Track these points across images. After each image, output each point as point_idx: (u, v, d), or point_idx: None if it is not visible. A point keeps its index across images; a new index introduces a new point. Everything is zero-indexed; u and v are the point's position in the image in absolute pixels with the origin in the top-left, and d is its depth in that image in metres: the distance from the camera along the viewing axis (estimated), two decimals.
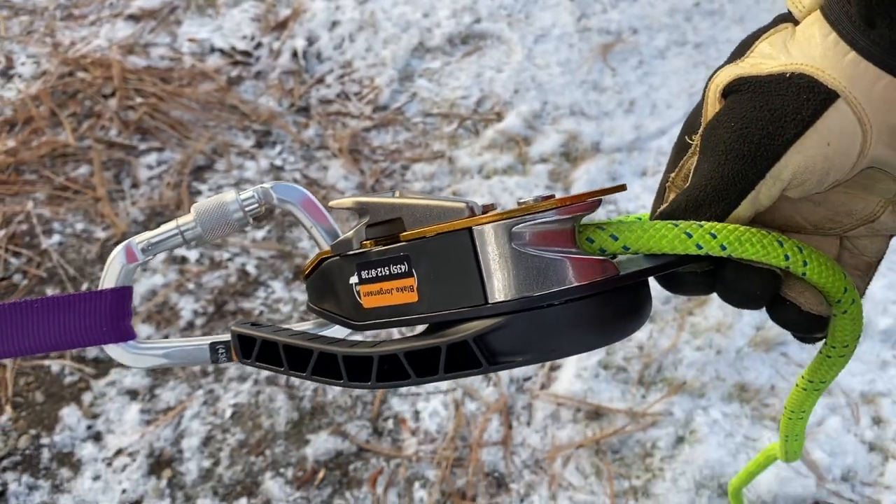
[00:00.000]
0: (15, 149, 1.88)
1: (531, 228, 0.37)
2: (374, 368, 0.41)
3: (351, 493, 1.45)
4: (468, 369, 0.39)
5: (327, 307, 0.49)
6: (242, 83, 2.11)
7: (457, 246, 0.38)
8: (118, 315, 0.51)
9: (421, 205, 0.41)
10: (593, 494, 1.47)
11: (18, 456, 1.48)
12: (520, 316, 0.37)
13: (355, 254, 0.44)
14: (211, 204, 0.50)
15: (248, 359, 0.48)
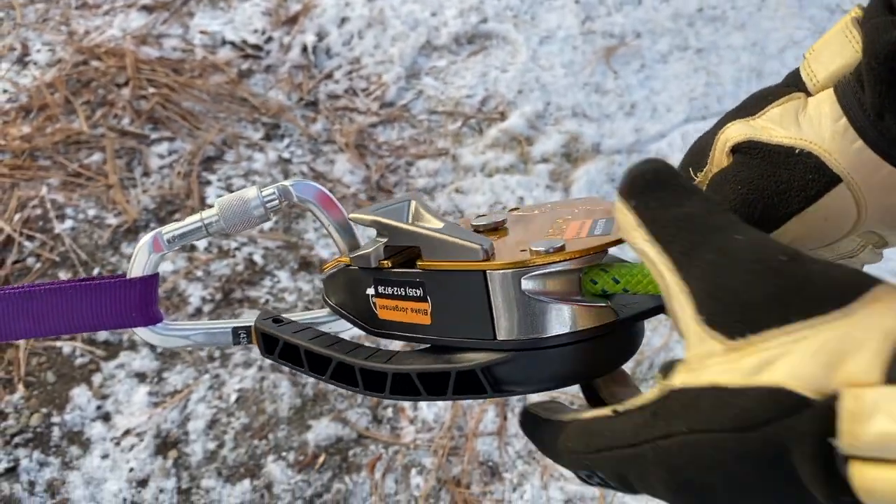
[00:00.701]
0: (30, 135, 1.92)
1: (541, 276, 0.40)
2: (389, 383, 0.44)
3: (350, 478, 1.51)
4: (474, 394, 0.42)
5: (343, 307, 0.52)
6: (252, 76, 2.15)
7: (471, 285, 0.41)
8: (146, 301, 0.55)
9: (438, 239, 0.43)
10: (584, 485, 1.52)
11: (30, 433, 1.53)
12: (524, 353, 0.41)
13: (373, 269, 0.47)
14: (233, 199, 0.52)
15: (271, 355, 0.51)
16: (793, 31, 2.44)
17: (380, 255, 0.46)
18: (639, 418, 0.34)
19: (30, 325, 0.53)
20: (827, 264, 0.31)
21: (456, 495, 1.50)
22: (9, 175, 1.85)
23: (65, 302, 0.53)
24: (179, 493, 1.48)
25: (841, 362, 0.28)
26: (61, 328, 0.54)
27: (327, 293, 0.54)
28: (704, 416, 0.31)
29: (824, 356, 0.29)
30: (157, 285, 0.54)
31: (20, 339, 0.55)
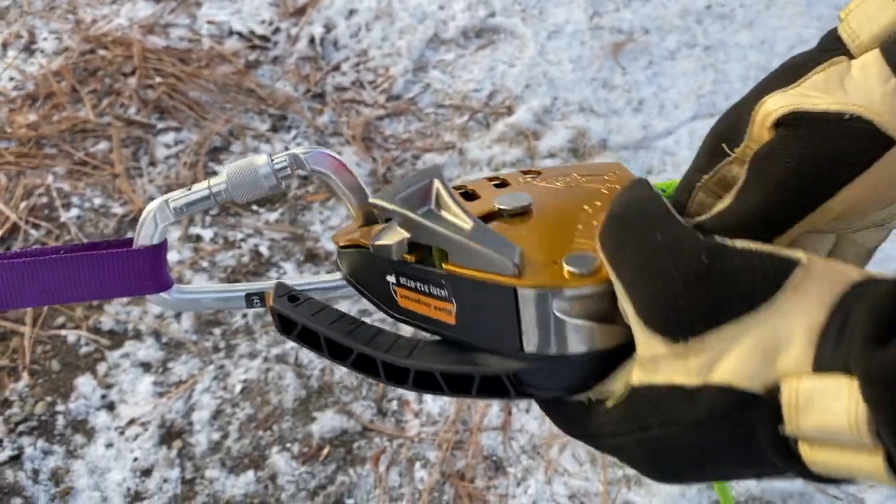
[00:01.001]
0: (36, 123, 1.92)
1: (573, 298, 0.39)
2: (411, 378, 0.44)
3: (354, 471, 1.51)
4: (497, 395, 0.42)
5: (361, 284, 0.50)
6: (259, 67, 2.15)
7: (501, 298, 0.40)
8: (155, 269, 0.53)
9: (469, 246, 0.41)
10: (587, 481, 1.52)
11: (34, 421, 1.53)
12: (549, 364, 0.41)
13: (395, 261, 0.45)
14: (242, 165, 0.49)
15: (289, 335, 0.49)
16: (801, 30, 2.43)
17: (403, 250, 0.44)
18: (615, 412, 0.38)
19: (35, 293, 0.53)
20: (747, 255, 0.34)
21: (460, 489, 1.50)
22: (15, 163, 1.85)
23: (72, 271, 0.52)
24: (183, 483, 1.48)
25: (776, 356, 0.32)
26: (67, 297, 0.53)
27: (341, 262, 0.52)
28: (672, 413, 0.35)
29: (760, 352, 0.32)
30: (165, 251, 0.53)
31: (25, 306, 0.54)
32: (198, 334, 1.64)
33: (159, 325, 1.65)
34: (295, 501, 1.46)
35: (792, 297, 0.32)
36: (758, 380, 0.32)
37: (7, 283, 0.52)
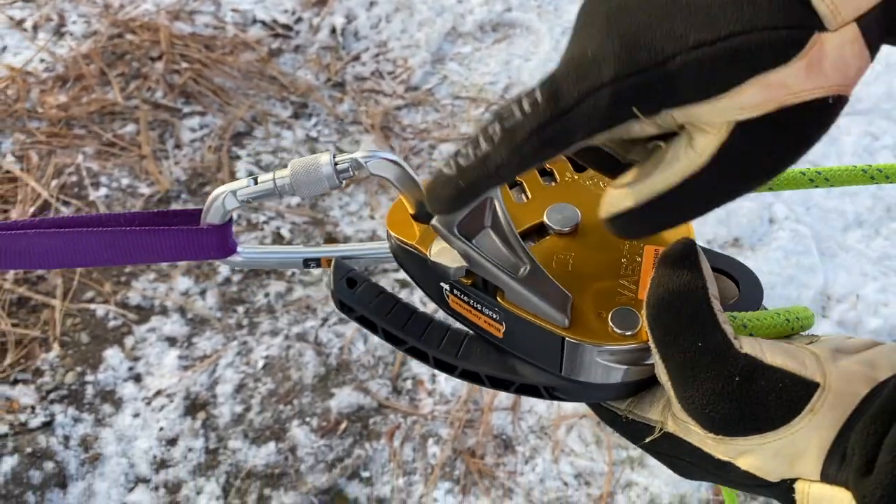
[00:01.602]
0: (66, 104, 1.98)
1: (614, 352, 0.45)
2: (458, 371, 0.49)
3: (370, 445, 1.58)
4: (531, 395, 0.49)
5: (414, 277, 0.53)
6: (282, 55, 2.21)
7: (549, 339, 0.45)
8: (222, 242, 0.60)
9: (524, 294, 0.45)
10: (593, 461, 1.59)
11: (65, 390, 1.60)
12: (582, 386, 0.47)
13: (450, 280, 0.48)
14: (307, 164, 0.51)
15: (348, 315, 0.53)
16: None
17: (461, 275, 0.47)
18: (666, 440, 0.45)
19: (111, 256, 0.59)
20: (775, 378, 0.40)
21: (470, 465, 1.56)
22: (46, 142, 1.91)
23: (148, 240, 0.59)
24: (207, 452, 1.55)
25: (792, 463, 0.40)
26: (141, 260, 0.60)
27: (393, 249, 0.53)
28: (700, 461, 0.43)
29: (780, 458, 0.40)
30: (231, 226, 0.58)
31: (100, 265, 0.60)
32: (222, 311, 1.71)
33: (185, 302, 1.72)
34: (313, 472, 1.53)
35: (809, 421, 0.39)
36: (776, 475, 0.40)
37: (89, 247, 0.59)
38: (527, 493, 1.55)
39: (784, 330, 0.44)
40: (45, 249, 0.59)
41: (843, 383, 0.39)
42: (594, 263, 0.48)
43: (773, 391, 0.39)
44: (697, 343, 0.40)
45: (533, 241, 0.50)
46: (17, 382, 1.59)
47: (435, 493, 1.53)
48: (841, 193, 2.09)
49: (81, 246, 0.59)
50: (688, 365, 0.40)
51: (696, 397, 0.40)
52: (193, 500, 1.50)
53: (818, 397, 0.39)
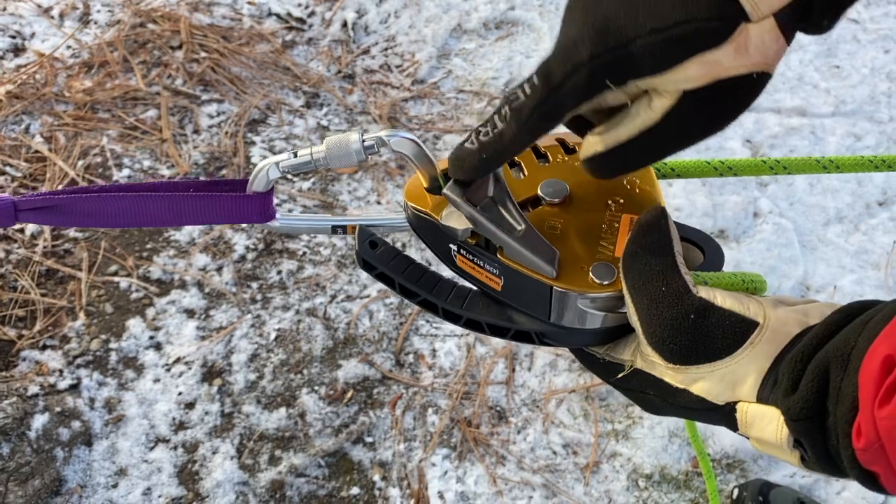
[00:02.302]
0: (91, 89, 2.09)
1: (594, 299, 0.54)
2: (463, 321, 0.59)
3: (374, 413, 1.69)
4: (525, 342, 0.59)
5: (424, 236, 0.62)
6: (295, 47, 2.32)
7: (539, 288, 0.55)
8: (264, 207, 0.69)
9: (519, 250, 0.55)
10: (580, 433, 1.71)
11: (90, 356, 1.72)
12: (568, 332, 0.57)
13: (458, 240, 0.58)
14: (340, 139, 0.60)
15: (369, 273, 0.61)
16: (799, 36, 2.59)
17: (467, 235, 0.57)
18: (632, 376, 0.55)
19: (167, 217, 0.69)
20: (721, 318, 0.50)
21: (467, 433, 1.68)
22: (72, 125, 2.02)
23: (202, 203, 0.69)
24: (223, 416, 1.67)
25: (734, 387, 0.49)
26: (192, 222, 0.70)
27: (409, 217, 0.62)
28: (662, 392, 0.53)
29: (725, 383, 0.50)
30: (272, 196, 0.67)
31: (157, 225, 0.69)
32: (237, 287, 1.83)
33: (202, 277, 1.83)
34: (321, 437, 1.65)
35: (749, 352, 0.50)
36: (722, 398, 0.50)
37: (151, 209, 0.69)
38: (518, 460, 1.67)
39: (739, 288, 0.54)
40: (113, 211, 0.69)
41: (779, 324, 0.49)
42: (579, 228, 0.57)
43: (721, 327, 0.49)
44: (661, 288, 0.50)
45: (528, 210, 0.59)
46: (46, 348, 1.71)
47: (433, 458, 1.65)
48: (823, 190, 2.20)
49: (145, 208, 0.70)
50: (653, 306, 0.51)
51: (658, 332, 0.50)
52: (209, 459, 1.61)
53: (757, 334, 0.49)
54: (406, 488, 1.62)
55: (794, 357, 0.47)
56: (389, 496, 1.61)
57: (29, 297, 1.76)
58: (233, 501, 1.57)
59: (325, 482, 1.61)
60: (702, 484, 1.66)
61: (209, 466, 1.60)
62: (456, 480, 1.63)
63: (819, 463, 0.46)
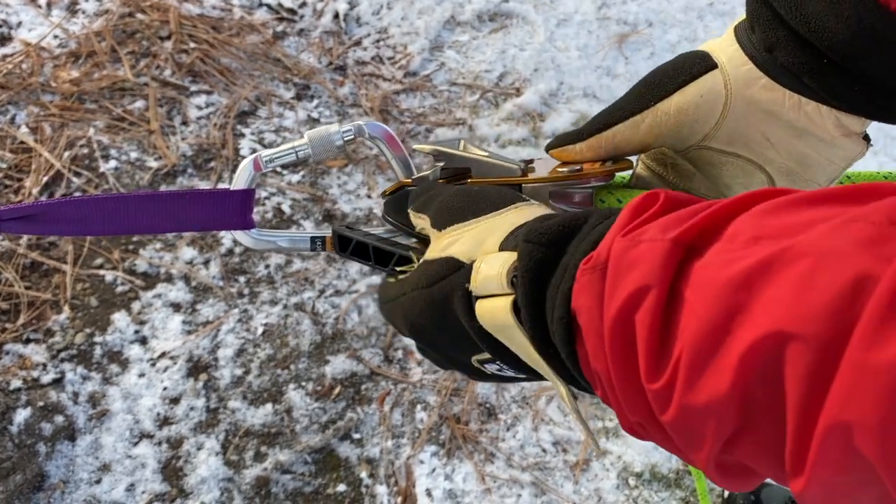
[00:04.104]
0: (78, 79, 2.06)
1: (563, 190, 0.56)
2: None
3: (361, 409, 1.67)
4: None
5: (399, 220, 0.64)
6: (286, 38, 2.29)
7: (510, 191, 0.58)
8: (245, 209, 0.67)
9: (486, 162, 0.59)
10: (570, 430, 1.69)
11: (74, 350, 1.69)
12: None
13: None
14: (319, 131, 0.63)
15: (344, 252, 0.63)
16: None
17: (437, 175, 0.60)
18: (399, 282, 0.55)
19: (148, 221, 0.66)
20: (501, 190, 0.52)
21: (455, 430, 1.66)
22: (59, 115, 1.99)
23: (181, 205, 0.66)
24: (208, 411, 1.64)
25: (483, 242, 0.48)
26: (173, 227, 0.67)
27: (387, 211, 0.66)
28: (416, 279, 0.52)
29: (477, 239, 0.49)
30: (253, 198, 0.67)
31: (140, 233, 0.68)
32: (224, 281, 1.80)
33: (189, 271, 1.81)
34: (308, 433, 1.63)
35: (510, 212, 0.49)
36: (467, 255, 0.48)
37: (129, 211, 0.66)
38: (507, 457, 1.65)
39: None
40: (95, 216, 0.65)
41: (541, 208, 0.50)
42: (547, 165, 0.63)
43: (497, 193, 0.51)
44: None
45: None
46: (30, 341, 1.69)
47: (421, 455, 1.63)
48: None
49: (126, 211, 0.66)
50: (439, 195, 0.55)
51: (442, 204, 0.53)
52: (194, 454, 1.59)
53: (526, 204, 0.50)
54: (393, 485, 1.60)
55: (554, 213, 0.46)
56: (376, 493, 1.59)
57: (13, 290, 1.73)
58: (217, 498, 1.55)
59: (311, 479, 1.59)
60: (692, 483, 1.65)
61: (194, 462, 1.58)
62: (444, 478, 1.62)
63: (528, 308, 0.41)
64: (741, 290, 0.30)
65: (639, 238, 0.35)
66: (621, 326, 0.35)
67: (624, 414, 0.38)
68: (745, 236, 0.32)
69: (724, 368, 0.30)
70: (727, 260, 0.32)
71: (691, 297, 0.32)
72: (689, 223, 0.34)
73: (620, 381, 0.36)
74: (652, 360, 0.33)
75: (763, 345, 0.28)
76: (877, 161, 2.23)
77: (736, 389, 0.30)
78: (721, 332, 0.30)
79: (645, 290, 0.34)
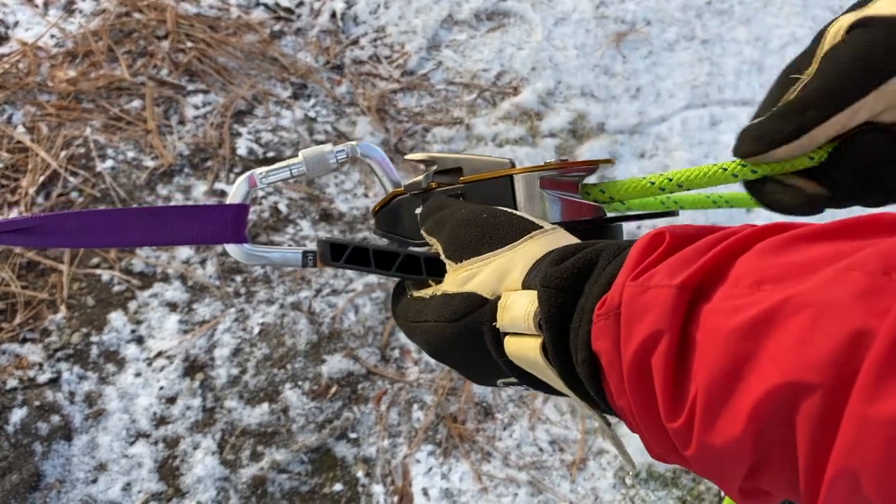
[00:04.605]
0: (75, 78, 2.06)
1: (552, 178, 0.57)
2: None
3: (358, 408, 1.67)
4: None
5: (392, 232, 0.65)
6: (283, 38, 2.29)
7: (501, 186, 0.57)
8: (238, 224, 0.68)
9: (477, 159, 0.59)
10: (567, 429, 1.69)
11: (71, 350, 1.69)
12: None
13: (423, 191, 0.61)
14: (314, 151, 0.65)
15: (337, 261, 0.61)
16: (795, 29, 2.57)
17: (430, 179, 0.60)
18: (418, 305, 0.55)
19: (143, 235, 0.67)
20: (511, 217, 0.52)
21: (452, 430, 1.66)
22: (55, 115, 1.99)
23: (175, 219, 0.67)
24: (204, 411, 1.64)
25: (505, 276, 0.48)
26: (168, 241, 0.67)
27: (379, 225, 0.67)
28: (438, 311, 0.51)
29: (496, 273, 0.49)
30: (247, 213, 0.68)
31: (135, 246, 0.69)
32: (220, 280, 1.80)
33: (186, 270, 1.81)
34: (304, 432, 1.63)
35: (526, 244, 0.49)
36: (491, 290, 0.48)
37: (123, 224, 0.66)
38: (504, 457, 1.65)
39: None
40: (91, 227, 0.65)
41: (562, 235, 0.50)
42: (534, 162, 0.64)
43: (508, 223, 0.51)
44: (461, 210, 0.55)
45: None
46: (26, 341, 1.68)
47: (418, 454, 1.63)
48: None
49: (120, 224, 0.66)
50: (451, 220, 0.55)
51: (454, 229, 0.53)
52: (190, 454, 1.59)
53: (541, 233, 0.50)
54: (390, 485, 1.60)
55: (569, 245, 0.46)
56: (373, 493, 1.59)
57: (9, 290, 1.73)
58: (214, 497, 1.55)
59: (307, 478, 1.59)
60: (689, 482, 1.65)
61: (190, 462, 1.58)
62: (440, 477, 1.61)
63: (554, 349, 0.43)
64: (748, 339, 0.32)
65: (647, 283, 0.37)
66: (638, 369, 0.37)
67: (650, 445, 0.40)
68: (749, 279, 0.34)
69: (737, 413, 0.32)
70: (733, 307, 0.33)
71: (702, 342, 0.34)
72: (693, 267, 0.36)
73: (642, 418, 0.38)
74: (669, 401, 0.36)
75: (774, 394, 0.31)
76: None
77: (750, 432, 0.32)
78: (732, 378, 0.33)
79: (658, 336, 0.36)
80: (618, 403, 0.40)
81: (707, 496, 1.66)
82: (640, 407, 0.38)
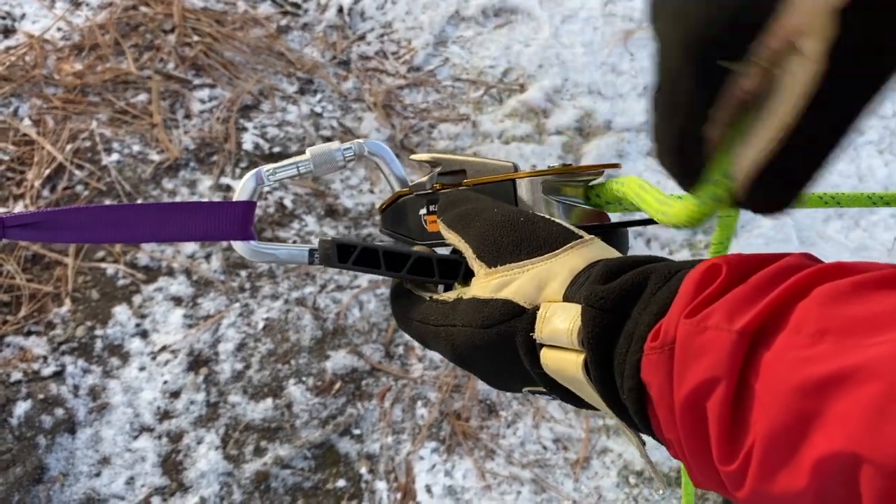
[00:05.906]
0: (82, 72, 2.06)
1: (554, 183, 0.55)
2: (462, 270, 0.58)
3: (362, 405, 1.67)
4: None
5: (397, 230, 0.64)
6: (290, 32, 2.28)
7: (504, 189, 0.56)
8: (245, 221, 0.68)
9: (480, 162, 0.58)
10: (571, 428, 1.69)
11: (75, 343, 1.69)
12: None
13: (427, 192, 0.60)
14: (321, 148, 0.63)
15: (344, 263, 0.59)
16: None
17: (434, 180, 0.60)
18: (443, 309, 0.53)
19: (150, 231, 0.67)
20: (549, 223, 0.50)
21: (456, 427, 1.66)
22: (61, 108, 1.99)
23: (182, 215, 0.66)
24: (208, 405, 1.64)
25: (545, 286, 0.46)
26: (175, 237, 0.67)
27: (384, 224, 0.66)
28: (469, 316, 0.49)
29: (535, 282, 0.47)
30: (254, 210, 0.67)
31: (142, 242, 0.68)
32: (225, 275, 1.80)
33: (190, 264, 1.80)
34: (307, 428, 1.63)
35: (567, 252, 0.47)
36: (529, 299, 0.46)
37: (130, 219, 0.66)
38: (508, 454, 1.64)
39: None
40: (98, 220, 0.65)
41: (604, 248, 0.49)
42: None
43: (546, 229, 0.49)
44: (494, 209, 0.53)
45: None
46: (31, 334, 1.69)
47: (421, 451, 1.63)
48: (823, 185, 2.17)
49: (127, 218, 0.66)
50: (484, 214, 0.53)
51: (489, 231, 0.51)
52: (194, 448, 1.59)
53: (580, 242, 0.48)
54: (393, 481, 1.60)
55: (614, 261, 0.44)
56: (376, 489, 1.58)
57: (14, 283, 1.73)
58: (217, 492, 1.55)
59: (310, 474, 1.59)
60: None
61: (193, 456, 1.58)
62: (444, 474, 1.61)
63: (597, 370, 0.42)
64: (812, 397, 0.32)
65: (705, 324, 0.36)
66: (692, 409, 0.36)
67: (695, 476, 0.40)
68: (811, 328, 0.33)
69: (800, 469, 0.32)
70: (796, 358, 0.33)
71: (761, 393, 0.34)
72: (753, 312, 0.35)
73: (693, 455, 0.37)
74: (724, 446, 0.35)
75: (839, 458, 0.30)
76: (882, 160, 2.22)
77: (812, 487, 0.32)
78: (794, 434, 0.32)
79: (715, 382, 0.35)
80: (666, 436, 0.39)
81: (711, 495, 1.66)
82: (691, 444, 0.37)
